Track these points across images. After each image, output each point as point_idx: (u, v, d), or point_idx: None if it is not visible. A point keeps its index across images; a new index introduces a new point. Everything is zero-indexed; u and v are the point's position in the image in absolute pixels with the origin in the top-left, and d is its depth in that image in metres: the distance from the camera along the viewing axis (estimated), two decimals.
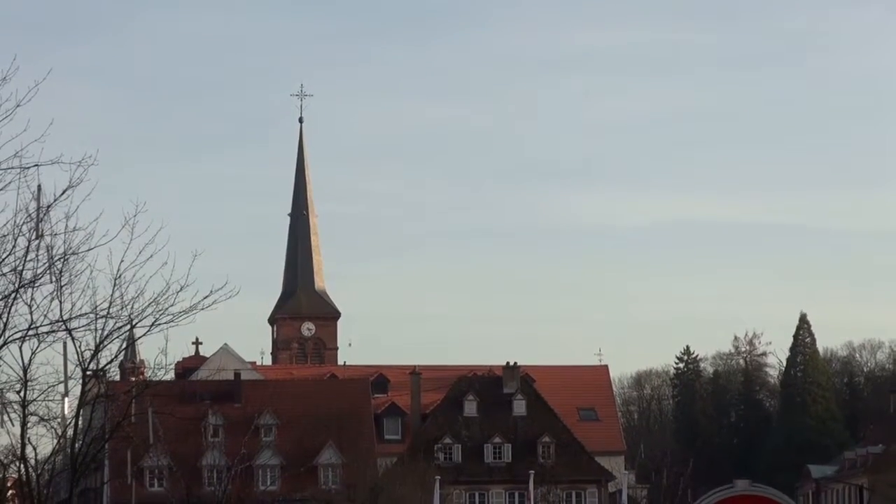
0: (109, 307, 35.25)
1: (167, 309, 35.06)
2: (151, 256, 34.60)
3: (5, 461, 40.79)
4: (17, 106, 24.64)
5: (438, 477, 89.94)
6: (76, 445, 39.73)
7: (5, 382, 34.42)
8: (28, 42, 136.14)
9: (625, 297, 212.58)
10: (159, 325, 35.97)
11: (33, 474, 40.08)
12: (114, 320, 35.91)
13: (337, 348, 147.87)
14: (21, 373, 34.70)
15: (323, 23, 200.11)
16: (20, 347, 32.41)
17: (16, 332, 30.21)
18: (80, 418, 39.50)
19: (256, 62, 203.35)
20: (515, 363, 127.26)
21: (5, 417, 37.16)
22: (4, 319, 28.76)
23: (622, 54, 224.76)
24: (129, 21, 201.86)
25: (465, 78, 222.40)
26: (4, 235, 26.74)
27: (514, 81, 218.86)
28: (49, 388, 37.17)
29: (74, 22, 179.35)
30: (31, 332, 31.48)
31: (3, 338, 29.43)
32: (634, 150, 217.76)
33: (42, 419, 39.34)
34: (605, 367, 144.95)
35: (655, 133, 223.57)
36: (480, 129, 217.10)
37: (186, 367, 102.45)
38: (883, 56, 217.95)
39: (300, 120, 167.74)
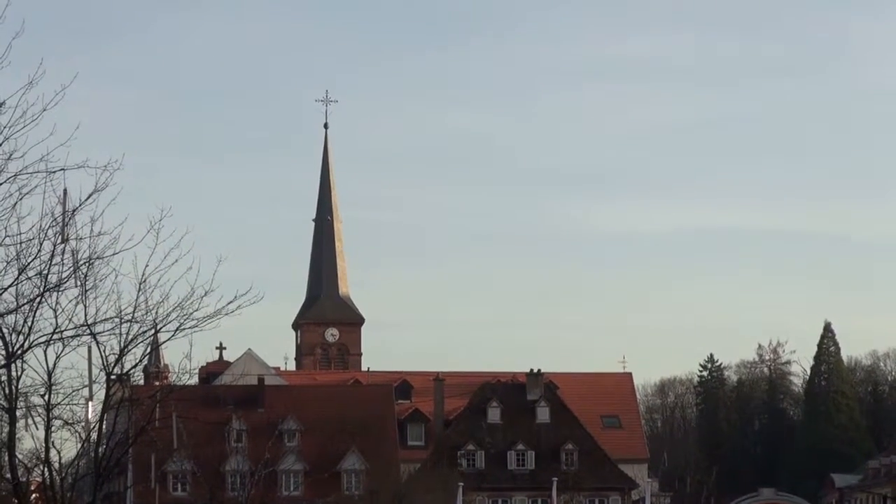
0: (134, 312, 35.30)
1: (191, 314, 35.13)
2: (176, 261, 34.68)
3: (29, 465, 40.84)
4: (44, 110, 24.70)
5: (461, 483, 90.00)
6: (100, 449, 39.78)
7: (30, 386, 34.51)
8: (55, 45, 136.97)
9: (648, 304, 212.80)
10: (183, 329, 36.04)
11: (57, 478, 40.12)
12: (138, 325, 35.96)
13: (361, 354, 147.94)
14: (46, 377, 34.83)
15: (348, 30, 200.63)
16: (45, 351, 32.48)
17: (41, 336, 30.29)
18: (104, 422, 39.57)
19: (282, 68, 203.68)
20: (539, 370, 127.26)
21: (30, 421, 37.26)
22: (29, 323, 28.85)
23: (646, 64, 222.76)
24: (156, 26, 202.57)
25: (487, 85, 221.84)
26: (30, 239, 26.80)
27: (535, 90, 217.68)
28: (73, 392, 37.29)
29: (102, 25, 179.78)
30: (55, 337, 31.55)
31: (28, 341, 29.50)
32: (656, 158, 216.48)
33: (66, 423, 39.42)
34: (629, 374, 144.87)
35: (677, 141, 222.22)
36: (502, 136, 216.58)
37: (210, 372, 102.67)
38: None
39: (325, 126, 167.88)
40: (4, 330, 27.80)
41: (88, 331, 33.86)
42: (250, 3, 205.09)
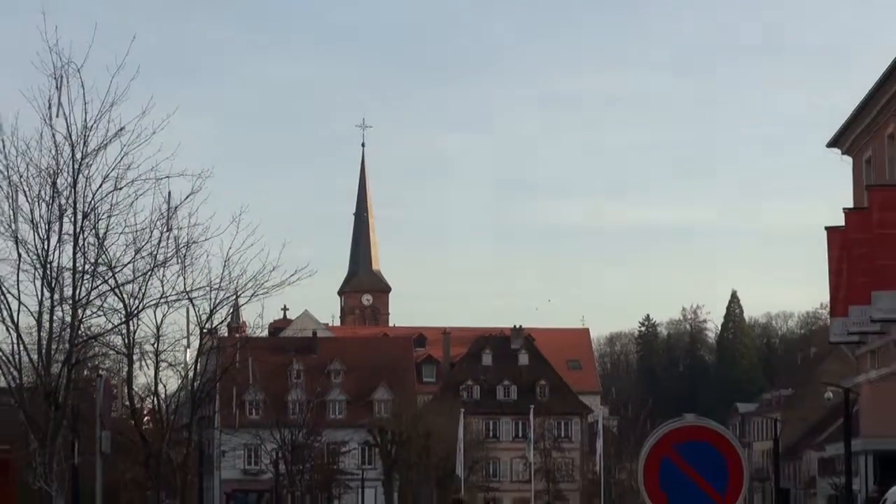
0: (220, 282, 35.54)
1: (263, 284, 35.46)
2: (252, 245, 34.89)
3: (143, 395, 40.92)
4: (153, 133, 24.70)
5: (463, 410, 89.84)
6: (195, 384, 40.02)
7: (143, 337, 34.67)
8: (161, 84, 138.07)
9: (603, 279, 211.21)
10: (257, 295, 36.48)
11: (163, 405, 40.27)
12: (223, 292, 36.23)
13: (388, 314, 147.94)
14: (155, 330, 35.05)
15: (380, 73, 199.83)
16: (154, 312, 32.65)
17: (151, 300, 30.34)
18: (198, 364, 39.71)
19: (330, 101, 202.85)
20: (521, 326, 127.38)
21: (143, 363, 37.42)
22: (143, 291, 28.85)
23: (610, 96, 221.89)
24: (236, 67, 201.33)
25: (485, 113, 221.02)
26: (143, 229, 26.84)
27: (519, 116, 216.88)
28: (175, 341, 37.52)
29: (196, 69, 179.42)
30: (162, 301, 31.65)
31: (141, 304, 29.49)
32: (614, 168, 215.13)
33: (170, 365, 39.63)
34: (587, 329, 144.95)
35: (631, 157, 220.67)
36: (496, 153, 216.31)
37: (277, 327, 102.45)
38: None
39: (362, 145, 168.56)
40: (124, 295, 27.71)
41: (187, 296, 34.01)
42: (306, 52, 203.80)
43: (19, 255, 23.99)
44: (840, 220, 47.95)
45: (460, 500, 22.16)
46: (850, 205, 49.30)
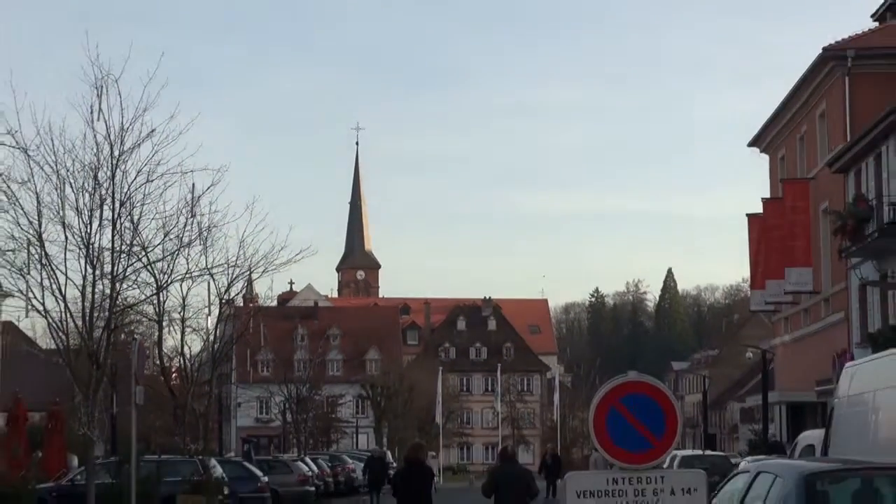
0: (236, 260, 35.70)
1: (272, 262, 35.71)
2: (263, 229, 35.05)
3: (171, 356, 40.97)
4: (180, 134, 24.71)
5: (441, 368, 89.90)
6: (215, 346, 40.12)
7: (171, 307, 34.82)
8: (187, 92, 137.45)
9: (559, 257, 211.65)
10: (267, 271, 36.82)
11: (188, 364, 40.33)
12: (239, 269, 36.42)
13: (378, 287, 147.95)
14: (181, 301, 35.22)
15: (373, 82, 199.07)
16: (180, 285, 32.78)
17: (177, 276, 30.44)
18: (217, 329, 39.81)
19: (328, 107, 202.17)
20: (490, 297, 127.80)
21: (171, 329, 37.60)
22: (171, 267, 28.94)
23: (556, 106, 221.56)
24: (248, 79, 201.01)
25: (458, 117, 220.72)
26: (172, 215, 26.87)
27: (488, 120, 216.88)
28: (198, 310, 37.71)
29: (215, 79, 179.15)
30: (187, 276, 31.74)
31: (170, 278, 29.57)
32: (563, 164, 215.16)
33: (194, 330, 39.83)
34: (546, 300, 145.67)
35: (573, 156, 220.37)
36: (470, 150, 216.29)
37: (284, 298, 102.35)
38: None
39: (356, 144, 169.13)
40: (155, 271, 27.74)
41: (208, 272, 34.13)
42: (309, 66, 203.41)
43: (66, 238, 24.04)
44: (759, 208, 48.22)
45: (420, 444, 22.26)
46: (768, 195, 49.55)
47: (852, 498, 11.63)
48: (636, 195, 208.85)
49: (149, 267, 27.43)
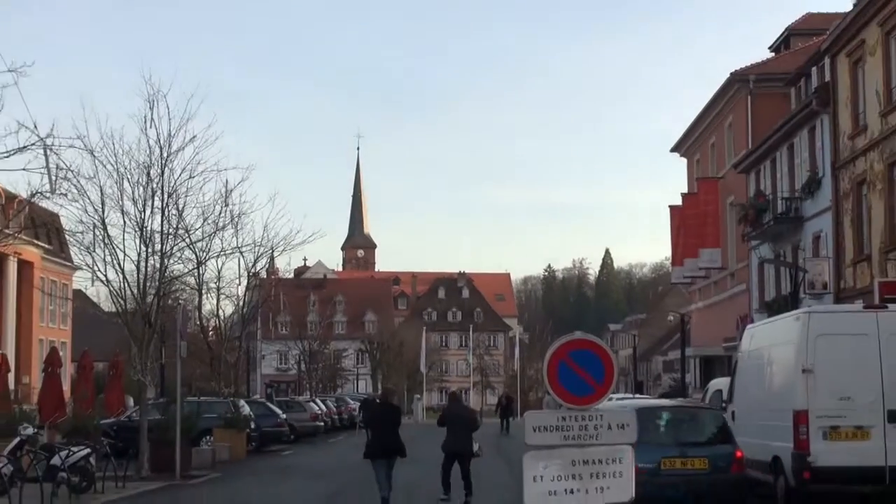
0: (261, 241, 35.86)
1: (290, 242, 35.88)
2: (282, 216, 35.48)
3: (208, 317, 41.08)
4: (216, 139, 24.85)
5: (424, 328, 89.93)
6: (244, 310, 40.21)
7: (209, 278, 35.04)
8: (222, 106, 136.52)
9: (520, 239, 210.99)
10: (286, 250, 37.15)
11: (222, 324, 40.40)
12: (263, 248, 36.61)
13: (375, 263, 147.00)
14: (217, 273, 35.41)
15: (371, 97, 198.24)
16: (216, 261, 32.93)
17: (214, 253, 30.59)
18: (246, 296, 39.84)
19: (336, 118, 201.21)
20: (464, 271, 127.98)
21: (208, 296, 37.80)
22: (209, 246, 29.12)
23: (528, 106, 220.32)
24: (270, 95, 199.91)
25: (440, 129, 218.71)
26: (209, 204, 26.99)
27: (466, 132, 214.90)
28: (230, 281, 37.88)
29: (244, 95, 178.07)
30: (221, 253, 31.84)
31: (207, 255, 29.74)
32: (524, 165, 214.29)
33: (227, 297, 40.12)
34: (508, 274, 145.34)
35: (533, 159, 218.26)
36: (448, 156, 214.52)
37: (299, 271, 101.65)
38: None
39: (357, 148, 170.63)
40: (196, 249, 27.86)
41: (238, 251, 34.24)
42: (320, 83, 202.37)
43: (124, 222, 24.10)
44: (679, 201, 48.37)
45: (389, 389, 23.13)
46: (686, 191, 49.70)
47: (664, 421, 14.97)
48: (582, 190, 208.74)
49: (191, 246, 27.53)
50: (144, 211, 24.04)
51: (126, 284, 24.20)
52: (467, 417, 19.06)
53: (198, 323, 39.70)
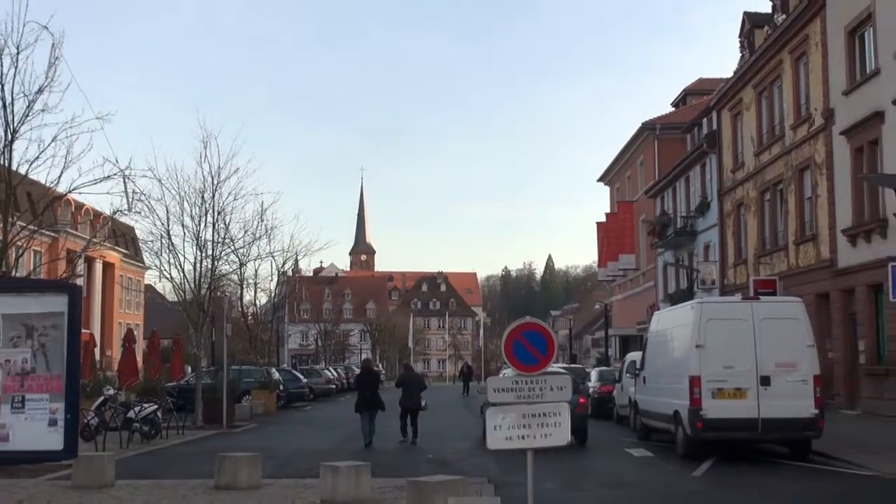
0: (288, 248, 35.64)
1: (310, 249, 36.13)
2: (305, 229, 35.17)
3: (248, 306, 40.88)
4: (254, 171, 25.28)
5: (412, 314, 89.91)
6: (275, 300, 40.04)
7: (248, 276, 34.86)
8: (257, 145, 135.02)
9: (484, 246, 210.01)
10: (307, 255, 37.11)
11: (258, 311, 40.17)
12: (289, 253, 36.32)
13: (374, 265, 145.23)
14: (255, 272, 35.30)
15: (373, 137, 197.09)
16: (254, 263, 32.87)
17: (252, 257, 30.46)
18: (276, 290, 39.68)
19: (344, 152, 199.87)
20: (441, 271, 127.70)
21: (248, 289, 37.59)
22: (248, 252, 29.09)
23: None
24: (292, 133, 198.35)
25: (425, 161, 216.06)
26: (249, 219, 27.05)
27: (444, 162, 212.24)
28: (265, 278, 37.88)
29: (274, 135, 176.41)
30: (257, 257, 31.77)
31: (248, 258, 29.61)
32: (486, 188, 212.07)
33: (262, 290, 39.69)
34: (475, 273, 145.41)
35: (494, 184, 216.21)
36: (431, 182, 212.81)
37: (317, 271, 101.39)
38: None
39: (361, 177, 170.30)
40: (238, 254, 27.75)
41: (271, 255, 34.08)
42: (332, 120, 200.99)
43: (184, 233, 23.99)
44: (603, 218, 48.55)
45: (368, 359, 23.56)
46: (609, 210, 49.88)
47: None
48: (532, 209, 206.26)
49: (234, 252, 27.35)
50: (199, 225, 23.91)
51: (185, 280, 24.08)
52: (417, 381, 19.52)
53: (239, 310, 39.52)
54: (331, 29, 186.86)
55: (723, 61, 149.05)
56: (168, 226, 23.52)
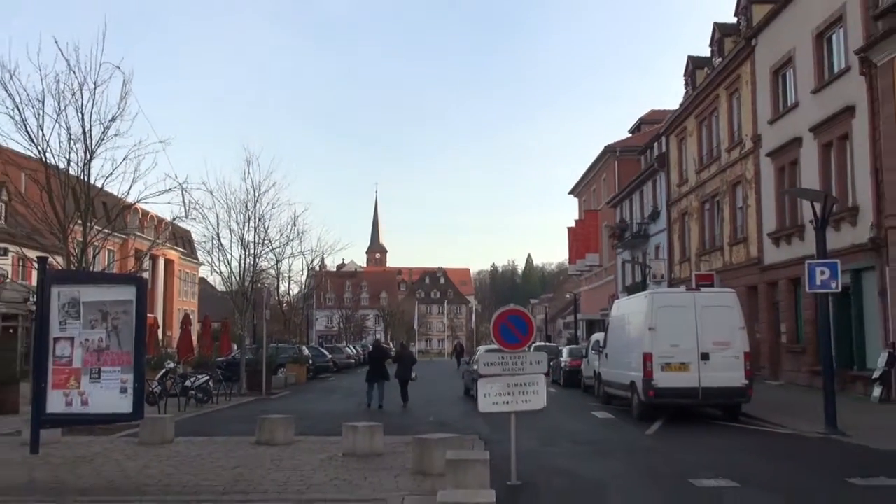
0: (316, 248, 35.55)
1: (334, 249, 36.37)
2: (330, 232, 34.99)
3: (283, 294, 40.71)
4: (289, 185, 24.97)
5: (417, 301, 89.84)
6: (306, 290, 39.79)
7: (284, 271, 34.69)
8: (291, 165, 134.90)
9: (477, 246, 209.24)
10: (331, 254, 36.90)
11: (292, 299, 39.99)
12: (317, 252, 36.12)
13: (387, 262, 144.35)
14: (288, 267, 35.27)
15: (386, 155, 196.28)
16: (288, 260, 33.03)
17: (287, 255, 30.43)
18: (307, 282, 39.52)
19: (361, 168, 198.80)
20: (441, 267, 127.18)
21: (284, 281, 37.36)
22: (283, 251, 28.97)
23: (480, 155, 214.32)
24: (327, 154, 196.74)
25: (430, 178, 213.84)
26: (284, 224, 27.31)
27: (444, 185, 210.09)
28: (297, 272, 37.70)
29: (309, 154, 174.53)
30: (290, 255, 31.68)
31: (283, 256, 29.50)
32: (477, 201, 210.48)
33: (295, 282, 39.51)
34: (468, 268, 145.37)
35: (481, 197, 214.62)
36: (433, 196, 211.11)
37: (339, 267, 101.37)
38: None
39: (376, 190, 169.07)
40: (275, 253, 27.68)
41: (302, 254, 34.01)
42: (351, 143, 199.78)
43: (230, 236, 24.03)
44: (573, 223, 48.49)
45: (378, 340, 24.03)
46: (578, 217, 49.84)
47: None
48: (516, 216, 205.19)
49: (272, 251, 27.26)
50: (243, 229, 23.86)
51: (232, 274, 24.06)
52: (409, 357, 20.21)
53: (276, 298, 39.46)
54: (351, 65, 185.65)
55: (671, 95, 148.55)
56: (218, 230, 23.52)
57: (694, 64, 30.62)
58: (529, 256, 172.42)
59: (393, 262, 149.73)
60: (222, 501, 7.26)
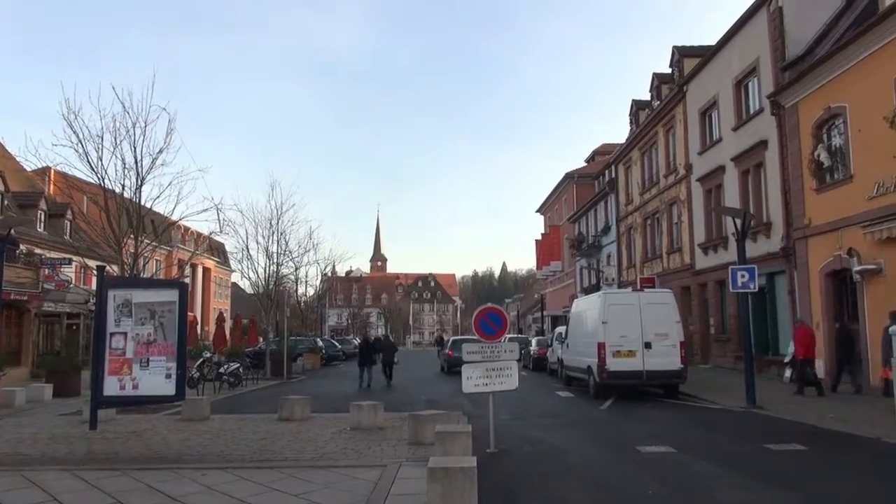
0: (328, 257, 35.35)
1: (342, 257, 35.51)
2: (339, 243, 34.64)
3: (301, 296, 40.33)
4: (304, 207, 24.56)
5: (412, 301, 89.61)
6: (320, 292, 39.46)
7: (302, 276, 34.26)
8: (306, 192, 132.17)
9: (461, 254, 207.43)
10: (341, 262, 36.39)
11: (310, 299, 39.62)
12: (328, 262, 35.85)
13: (387, 269, 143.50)
14: (305, 274, 34.78)
15: (386, 178, 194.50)
16: (305, 267, 32.82)
17: (304, 263, 30.28)
18: (320, 285, 39.22)
19: (365, 191, 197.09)
20: (431, 272, 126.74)
21: (301, 285, 36.98)
22: (301, 260, 28.89)
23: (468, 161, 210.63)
24: (328, 182, 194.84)
25: (425, 197, 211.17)
26: (302, 238, 26.89)
27: (434, 200, 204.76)
28: (312, 277, 37.24)
29: (321, 180, 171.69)
30: (307, 264, 31.48)
31: (301, 265, 29.26)
32: (463, 216, 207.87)
33: (311, 286, 39.09)
34: (454, 273, 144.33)
35: (469, 211, 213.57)
36: (425, 213, 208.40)
37: (347, 272, 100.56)
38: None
39: (378, 210, 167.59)
40: (295, 261, 27.56)
41: (316, 262, 33.88)
42: (355, 170, 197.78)
43: (257, 248, 24.02)
44: (540, 236, 48.52)
45: (370, 333, 23.93)
46: (543, 231, 49.86)
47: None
48: (494, 230, 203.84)
49: (292, 260, 27.14)
50: (268, 242, 23.79)
51: (258, 279, 23.92)
52: (391, 346, 20.72)
53: (295, 299, 39.20)
54: (353, 106, 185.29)
55: (619, 131, 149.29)
56: (247, 242, 23.64)
57: (637, 106, 30.90)
58: (504, 263, 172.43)
59: (392, 268, 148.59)
60: (250, 467, 7.24)
